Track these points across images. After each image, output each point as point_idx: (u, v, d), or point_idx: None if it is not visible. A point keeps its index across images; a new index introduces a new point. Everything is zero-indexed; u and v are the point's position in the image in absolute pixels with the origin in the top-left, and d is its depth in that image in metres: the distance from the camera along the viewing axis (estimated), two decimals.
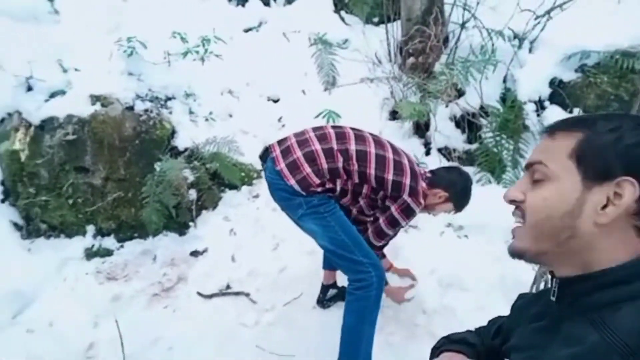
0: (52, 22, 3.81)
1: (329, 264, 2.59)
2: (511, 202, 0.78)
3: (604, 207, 0.69)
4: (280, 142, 2.09)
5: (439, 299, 2.68)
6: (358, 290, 2.01)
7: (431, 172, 2.23)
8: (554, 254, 0.74)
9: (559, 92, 3.23)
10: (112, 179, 3.22)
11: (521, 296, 0.98)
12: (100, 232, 3.25)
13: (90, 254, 3.17)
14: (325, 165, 1.97)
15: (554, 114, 3.19)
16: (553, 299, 0.78)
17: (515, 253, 0.77)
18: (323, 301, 2.64)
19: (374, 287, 1.99)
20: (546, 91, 3.25)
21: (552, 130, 0.76)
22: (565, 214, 0.72)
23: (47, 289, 2.95)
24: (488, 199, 3.18)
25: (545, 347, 0.74)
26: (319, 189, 2.00)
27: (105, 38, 3.69)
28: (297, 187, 1.97)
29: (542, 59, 3.27)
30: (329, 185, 2.02)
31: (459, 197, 2.21)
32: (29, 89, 3.32)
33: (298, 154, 1.99)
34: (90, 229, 3.24)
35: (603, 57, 3.17)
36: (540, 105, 3.25)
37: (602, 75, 3.15)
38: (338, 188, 2.05)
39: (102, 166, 3.22)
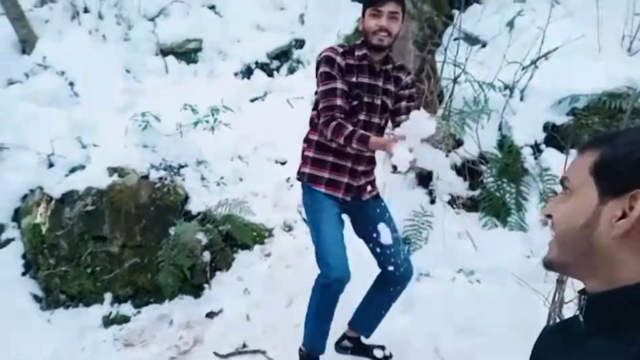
0: (73, 103, 4.10)
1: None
2: (547, 216, 0.82)
3: (619, 219, 0.70)
4: None
5: (454, 345, 2.67)
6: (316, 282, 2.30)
7: None
8: (578, 267, 0.77)
9: (554, 135, 3.36)
10: (128, 246, 3.34)
11: (544, 328, 0.96)
12: (118, 299, 3.31)
13: (107, 321, 3.22)
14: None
15: (551, 155, 3.30)
16: (581, 317, 0.77)
17: (545, 263, 0.81)
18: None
19: (320, 282, 2.27)
20: (541, 135, 3.39)
21: (584, 147, 0.80)
22: (582, 226, 0.74)
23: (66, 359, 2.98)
24: (496, 242, 3.24)
25: None
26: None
27: (121, 115, 3.96)
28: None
29: (534, 105, 3.43)
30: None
31: None
32: (51, 165, 3.53)
33: None
34: (108, 296, 3.31)
35: (591, 100, 3.32)
36: (537, 149, 3.36)
37: (593, 117, 3.29)
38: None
39: (119, 234, 3.34)
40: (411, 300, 3.05)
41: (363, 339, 2.59)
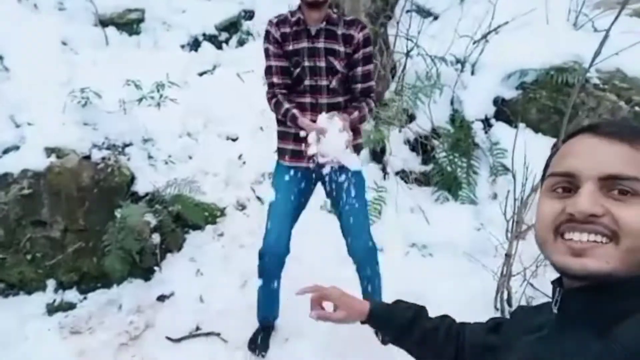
0: (3, 79, 3.79)
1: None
2: (591, 216, 0.67)
3: None
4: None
5: None
6: None
7: None
8: (635, 279, 0.68)
9: (503, 110, 3.40)
10: (71, 230, 3.17)
11: (521, 308, 0.95)
12: (62, 286, 3.15)
13: (51, 309, 3.06)
14: None
15: (501, 130, 3.36)
16: (555, 309, 0.75)
17: (599, 275, 0.67)
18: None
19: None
20: (491, 109, 3.43)
21: (630, 138, 0.69)
22: None
23: (8, 351, 2.83)
24: (448, 216, 3.29)
25: (547, 358, 0.72)
26: None
27: (58, 91, 3.69)
28: None
29: (484, 79, 3.46)
30: None
31: None
32: None
33: None
34: (51, 283, 3.15)
35: (540, 74, 3.37)
36: (487, 123, 3.41)
37: (541, 91, 3.35)
38: None
39: (61, 218, 3.16)
40: None
41: None
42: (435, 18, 4.33)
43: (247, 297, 2.98)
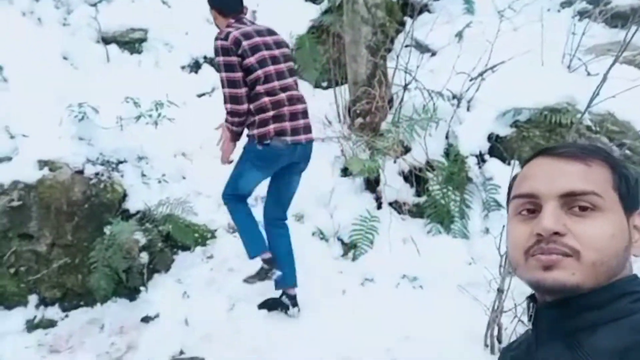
0: (2, 90, 3.79)
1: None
2: (554, 234, 0.69)
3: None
4: (296, 130, 2.74)
5: (396, 351, 2.67)
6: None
7: None
8: (603, 289, 0.70)
9: (497, 146, 3.44)
10: (58, 244, 3.12)
11: (505, 348, 0.95)
12: (44, 302, 3.09)
13: (31, 326, 3.00)
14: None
15: (494, 166, 3.39)
16: (529, 324, 0.77)
17: (566, 289, 0.69)
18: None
19: None
20: (485, 145, 3.46)
21: (582, 157, 0.73)
22: (624, 248, 0.71)
23: None
24: (439, 249, 3.29)
25: None
26: None
27: (56, 105, 3.69)
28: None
29: (480, 116, 3.51)
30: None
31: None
32: None
33: (307, 119, 2.84)
34: (33, 298, 3.09)
35: (533, 114, 3.43)
36: (481, 159, 3.44)
37: (534, 130, 3.40)
38: None
39: (48, 232, 3.12)
40: (355, 304, 3.03)
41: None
42: (433, 54, 4.42)
43: (233, 321, 2.93)
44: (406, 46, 4.33)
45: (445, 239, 3.31)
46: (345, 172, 3.71)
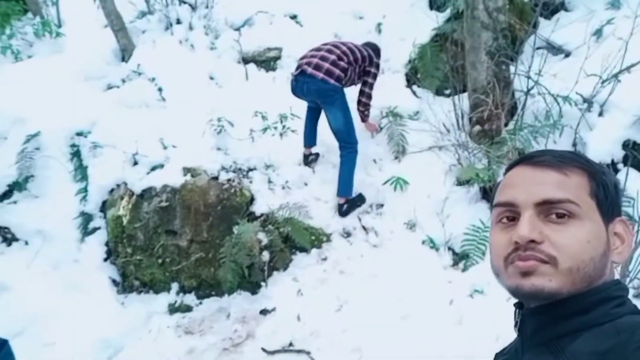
0: (160, 107, 4.48)
1: (310, 143, 4.08)
2: (530, 242, 0.71)
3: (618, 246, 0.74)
4: (308, 64, 3.73)
5: None
6: (351, 152, 3.77)
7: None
8: (581, 295, 0.71)
9: (633, 154, 3.10)
10: (196, 241, 3.59)
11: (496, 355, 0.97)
12: (183, 290, 3.57)
13: (172, 309, 3.48)
14: (341, 65, 3.67)
15: (630, 176, 3.05)
16: (516, 332, 0.80)
17: (544, 294, 0.71)
18: (307, 162, 4.10)
19: (356, 151, 3.79)
20: (619, 153, 3.14)
21: (559, 165, 0.75)
22: (602, 254, 0.72)
23: (133, 340, 3.28)
24: None
25: None
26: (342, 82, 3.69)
27: (201, 119, 4.24)
28: (334, 82, 3.61)
29: (613, 121, 3.19)
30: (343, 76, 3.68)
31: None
32: (135, 163, 3.89)
33: (327, 65, 3.64)
34: (175, 286, 3.58)
35: None
36: (613, 168, 3.12)
37: None
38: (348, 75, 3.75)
39: (188, 229, 3.61)
40: (462, 316, 2.98)
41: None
42: (567, 55, 4.10)
43: (340, 321, 3.08)
44: (537, 48, 4.09)
45: None
46: (460, 181, 3.64)
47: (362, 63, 3.82)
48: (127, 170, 3.86)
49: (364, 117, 4.07)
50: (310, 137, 4.07)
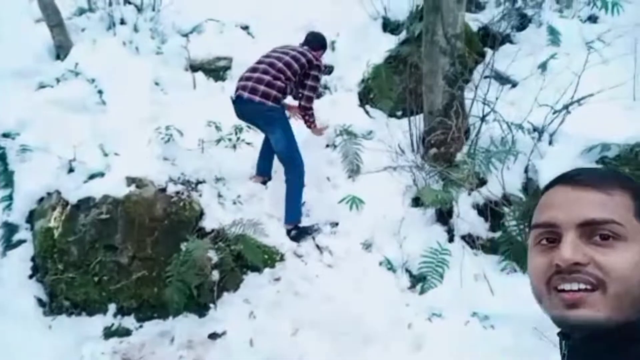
0: (99, 111, 4.15)
1: (260, 171, 3.99)
2: (574, 264, 0.68)
3: None
4: (244, 88, 3.62)
5: None
6: (296, 175, 3.66)
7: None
8: (631, 325, 0.67)
9: None
10: (138, 257, 3.30)
11: None
12: (121, 311, 3.26)
13: (108, 333, 3.16)
14: (277, 85, 3.59)
15: None
16: None
17: (592, 325, 0.67)
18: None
19: (302, 172, 3.68)
20: None
21: (601, 184, 0.71)
22: None
23: None
24: (514, 288, 3.11)
25: None
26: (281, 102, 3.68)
27: (146, 126, 3.97)
28: (272, 104, 3.55)
29: (563, 150, 3.34)
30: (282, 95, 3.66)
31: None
32: (71, 170, 3.54)
33: (262, 87, 3.56)
34: (112, 307, 3.26)
35: (623, 150, 3.22)
36: None
37: (624, 167, 3.17)
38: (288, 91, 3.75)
39: (130, 245, 3.31)
40: (419, 341, 2.94)
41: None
42: (514, 85, 4.28)
43: (297, 346, 2.94)
44: (485, 77, 4.24)
45: (521, 278, 3.12)
46: (416, 202, 3.65)
47: (302, 71, 3.74)
48: (62, 177, 3.49)
49: (308, 123, 3.98)
50: (262, 166, 3.96)
